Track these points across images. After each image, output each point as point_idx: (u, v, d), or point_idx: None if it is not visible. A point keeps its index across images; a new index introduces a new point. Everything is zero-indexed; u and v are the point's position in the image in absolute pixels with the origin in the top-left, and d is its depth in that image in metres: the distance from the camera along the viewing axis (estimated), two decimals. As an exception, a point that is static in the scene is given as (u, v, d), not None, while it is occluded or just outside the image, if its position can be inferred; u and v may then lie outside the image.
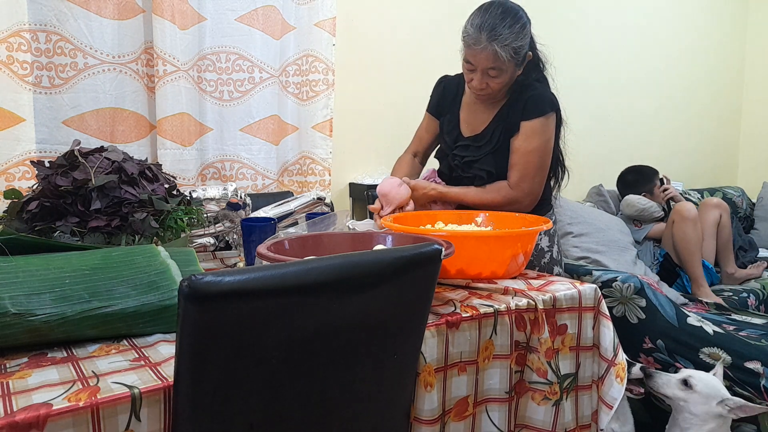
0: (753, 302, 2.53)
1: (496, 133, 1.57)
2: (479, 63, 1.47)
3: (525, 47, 1.49)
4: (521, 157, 1.54)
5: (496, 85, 1.51)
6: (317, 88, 2.15)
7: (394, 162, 1.81)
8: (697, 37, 3.77)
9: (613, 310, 1.67)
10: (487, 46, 1.43)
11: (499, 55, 1.43)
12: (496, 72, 1.47)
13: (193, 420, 0.68)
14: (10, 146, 1.63)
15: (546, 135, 1.55)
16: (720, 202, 2.87)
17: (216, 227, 1.64)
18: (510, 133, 1.56)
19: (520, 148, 1.54)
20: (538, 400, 1.13)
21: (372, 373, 0.84)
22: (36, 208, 1.16)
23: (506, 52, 1.43)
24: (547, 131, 1.55)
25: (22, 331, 0.82)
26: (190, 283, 0.61)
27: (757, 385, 1.49)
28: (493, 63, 1.45)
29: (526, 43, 1.49)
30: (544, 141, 1.54)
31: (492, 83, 1.50)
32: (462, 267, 1.25)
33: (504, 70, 1.48)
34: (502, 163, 1.56)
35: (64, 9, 1.69)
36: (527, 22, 1.50)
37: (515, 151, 1.55)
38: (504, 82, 1.52)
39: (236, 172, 2.08)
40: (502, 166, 1.56)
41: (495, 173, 1.57)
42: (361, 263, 0.77)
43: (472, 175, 1.60)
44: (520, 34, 1.46)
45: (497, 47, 1.42)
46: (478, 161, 1.59)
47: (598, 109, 3.28)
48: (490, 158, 1.58)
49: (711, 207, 2.81)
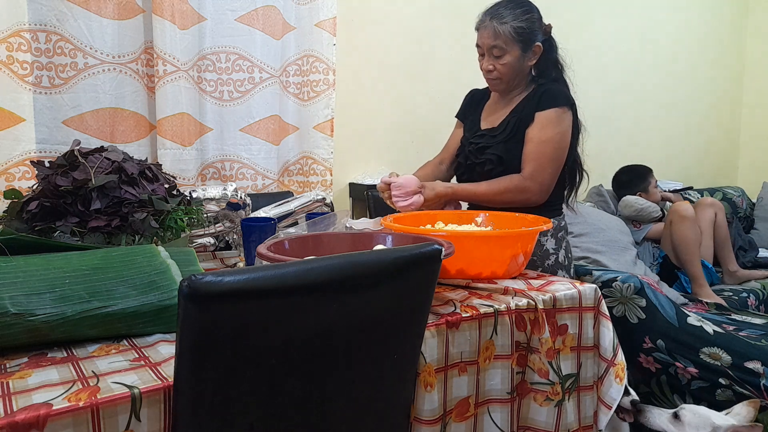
0: (753, 302, 2.53)
1: (510, 123, 1.60)
2: (484, 43, 1.57)
3: (528, 30, 1.55)
4: (535, 147, 1.54)
5: (502, 66, 1.57)
6: (318, 88, 2.15)
7: (395, 162, 1.81)
8: (697, 38, 3.77)
9: (613, 310, 1.67)
10: (488, 25, 1.55)
11: (498, 31, 1.53)
12: (499, 51, 1.55)
13: (193, 420, 0.68)
14: (10, 146, 1.63)
15: (561, 127, 1.55)
16: (714, 201, 2.88)
17: (216, 227, 1.64)
18: (525, 124, 1.57)
19: (534, 138, 1.55)
20: (540, 400, 1.13)
21: (372, 373, 0.84)
22: (36, 208, 1.16)
23: (505, 29, 1.52)
24: (562, 124, 1.55)
25: (22, 331, 0.82)
26: (190, 283, 0.61)
27: (757, 384, 1.49)
28: (494, 40, 1.54)
29: (530, 27, 1.55)
30: (559, 133, 1.55)
31: (498, 65, 1.57)
32: (462, 267, 1.25)
33: (506, 50, 1.55)
34: (513, 151, 1.57)
35: (64, 9, 1.69)
36: (533, 9, 1.58)
37: (529, 141, 1.55)
38: (510, 65, 1.57)
39: (236, 172, 2.08)
40: (513, 153, 1.57)
41: (505, 159, 1.58)
42: (361, 263, 0.77)
43: (484, 160, 1.62)
44: (522, 16, 1.54)
45: (496, 24, 1.53)
46: (490, 147, 1.61)
47: (598, 109, 3.28)
48: (502, 146, 1.59)
49: (705, 206, 2.81)
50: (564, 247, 1.65)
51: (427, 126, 2.58)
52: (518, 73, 1.60)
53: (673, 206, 2.66)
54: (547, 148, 1.54)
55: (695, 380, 1.58)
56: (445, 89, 2.59)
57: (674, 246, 2.60)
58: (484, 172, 1.60)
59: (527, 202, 1.54)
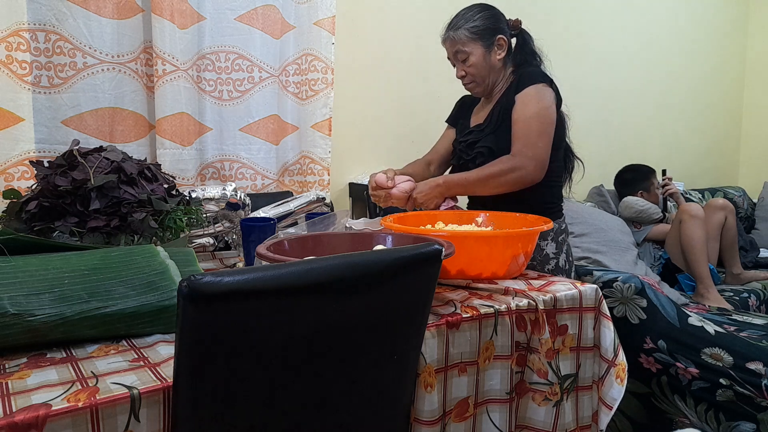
0: (754, 302, 2.52)
1: (495, 114, 1.61)
2: (449, 53, 1.65)
3: (484, 27, 1.60)
4: (521, 125, 1.53)
5: (471, 68, 1.62)
6: (316, 87, 2.15)
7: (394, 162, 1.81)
8: (698, 38, 3.77)
9: (613, 311, 1.67)
10: (447, 36, 1.63)
11: (454, 37, 1.60)
12: (463, 55, 1.61)
13: (192, 420, 0.67)
14: (9, 146, 1.63)
15: (543, 102, 1.54)
16: (726, 204, 2.82)
17: (215, 227, 1.64)
18: (508, 110, 1.57)
19: (519, 117, 1.54)
20: (538, 400, 1.13)
21: (372, 373, 0.83)
22: (35, 208, 1.16)
23: (460, 33, 1.59)
24: (544, 99, 1.54)
25: (21, 332, 0.82)
26: (189, 283, 0.61)
27: (758, 385, 1.49)
28: (455, 47, 1.61)
29: (486, 24, 1.60)
30: (542, 107, 1.53)
31: (467, 69, 1.62)
32: (462, 267, 1.25)
33: (468, 51, 1.60)
34: (502, 140, 1.56)
35: (64, 8, 1.68)
36: (487, 8, 1.64)
37: (515, 122, 1.55)
38: (478, 64, 1.61)
39: (236, 172, 2.08)
40: (502, 143, 1.56)
41: (495, 150, 1.57)
42: (361, 263, 0.76)
43: (474, 155, 1.62)
44: (475, 17, 1.60)
45: (452, 32, 1.61)
46: (479, 141, 1.63)
47: (598, 109, 3.28)
48: (491, 137, 1.60)
49: (716, 209, 2.77)
50: (565, 251, 1.64)
51: (427, 126, 2.57)
52: (489, 69, 1.62)
53: (683, 206, 2.61)
54: (532, 123, 1.52)
55: (696, 381, 1.58)
56: (444, 89, 2.58)
57: (681, 246, 2.55)
58: (476, 167, 1.59)
59: (523, 179, 1.50)
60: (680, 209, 2.62)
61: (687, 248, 2.52)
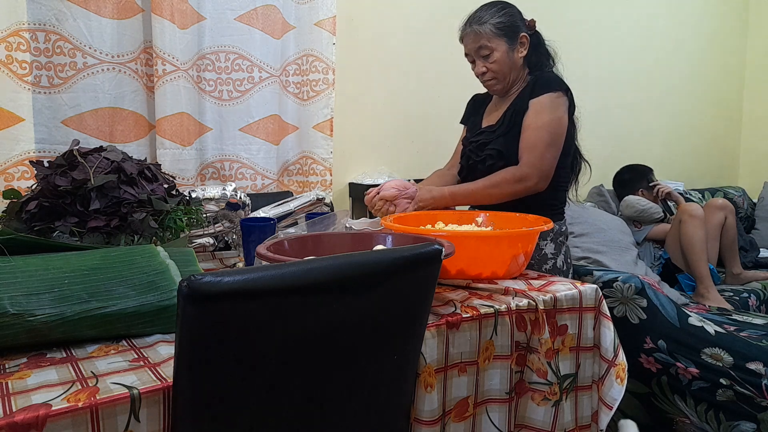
0: (754, 302, 2.52)
1: (507, 117, 1.60)
2: (470, 49, 1.61)
3: (508, 23, 1.58)
4: (531, 133, 1.53)
5: (494, 65, 1.59)
6: (317, 87, 2.15)
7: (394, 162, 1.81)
8: (698, 38, 3.77)
9: (613, 311, 1.67)
10: (469, 31, 1.59)
11: (479, 32, 1.57)
12: (486, 50, 1.58)
13: (192, 420, 0.67)
14: (9, 146, 1.63)
15: (556, 112, 1.53)
16: (725, 204, 2.83)
17: (215, 227, 1.64)
18: (521, 114, 1.56)
19: (530, 125, 1.53)
20: (537, 400, 1.13)
21: (372, 374, 0.83)
22: (35, 208, 1.16)
23: (485, 28, 1.56)
24: (558, 109, 1.54)
25: (21, 332, 0.82)
26: (189, 283, 0.61)
27: (758, 385, 1.49)
28: (478, 42, 1.58)
29: (510, 20, 1.58)
30: (555, 118, 1.53)
31: (489, 65, 1.59)
32: (462, 267, 1.25)
33: (492, 47, 1.57)
34: (512, 144, 1.56)
35: (63, 8, 1.68)
36: (509, 5, 1.62)
37: (525, 129, 1.54)
38: (501, 61, 1.58)
39: (236, 172, 2.08)
40: (511, 146, 1.56)
41: (505, 153, 1.56)
42: (361, 263, 0.76)
43: (484, 156, 1.61)
44: (499, 13, 1.58)
45: (476, 27, 1.57)
46: (489, 143, 1.61)
47: (598, 109, 3.28)
48: (501, 140, 1.59)
49: (716, 209, 2.77)
50: (563, 252, 1.64)
51: (428, 125, 2.58)
52: (511, 67, 1.61)
53: (683, 206, 2.61)
54: (543, 133, 1.52)
55: (696, 381, 1.58)
56: (445, 89, 2.59)
57: (681, 246, 2.55)
58: (485, 169, 1.59)
59: (528, 190, 1.52)
60: (680, 209, 2.62)
61: (687, 248, 2.52)
